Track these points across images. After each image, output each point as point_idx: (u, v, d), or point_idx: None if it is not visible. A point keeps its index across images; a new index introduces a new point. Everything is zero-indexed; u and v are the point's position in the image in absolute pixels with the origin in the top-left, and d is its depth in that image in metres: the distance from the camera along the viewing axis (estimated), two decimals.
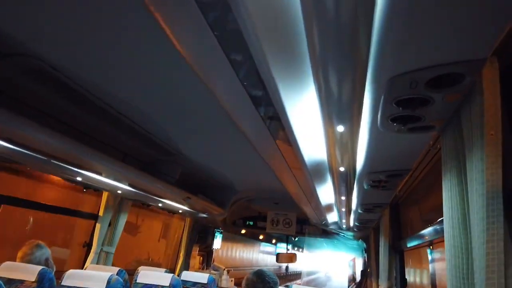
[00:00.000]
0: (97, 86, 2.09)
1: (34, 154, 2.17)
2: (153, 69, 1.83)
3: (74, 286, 2.25)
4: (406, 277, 3.19)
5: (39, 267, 2.34)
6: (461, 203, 1.12)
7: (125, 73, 1.91)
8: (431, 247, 2.40)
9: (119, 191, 3.26)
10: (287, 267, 12.41)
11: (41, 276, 2.30)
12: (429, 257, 2.45)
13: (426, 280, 2.68)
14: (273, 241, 9.60)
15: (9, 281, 2.19)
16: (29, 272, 2.30)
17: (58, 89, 2.17)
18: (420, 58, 0.83)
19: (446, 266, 1.16)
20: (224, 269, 5.57)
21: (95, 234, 3.66)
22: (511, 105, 1.02)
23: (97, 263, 3.66)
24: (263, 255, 12.42)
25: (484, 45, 0.80)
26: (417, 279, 3.04)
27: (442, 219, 1.83)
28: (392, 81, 0.90)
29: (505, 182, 0.93)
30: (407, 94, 0.95)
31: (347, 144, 1.51)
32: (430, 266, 2.44)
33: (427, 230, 2.18)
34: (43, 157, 2.26)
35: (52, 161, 2.34)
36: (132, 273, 3.22)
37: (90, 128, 2.68)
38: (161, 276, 3.08)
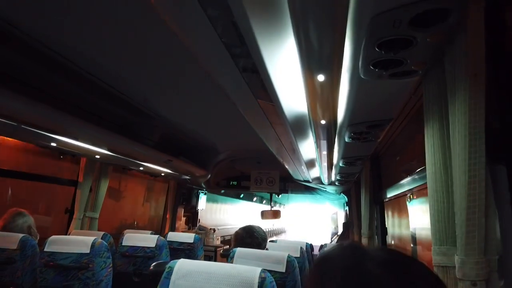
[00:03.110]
0: (68, 47, 1.97)
1: (2, 120, 2.05)
2: (125, 27, 1.72)
3: (57, 252, 2.23)
4: (386, 226, 3.31)
5: (21, 235, 2.31)
6: (443, 147, 1.12)
7: (96, 33, 1.79)
8: (410, 196, 2.46)
9: (97, 156, 3.18)
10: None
11: (23, 243, 2.27)
12: (408, 206, 2.52)
13: (405, 228, 2.79)
14: (254, 199, 9.82)
15: None
16: (11, 240, 2.27)
17: (25, 51, 2.03)
18: None
19: (430, 212, 1.18)
20: (210, 229, 5.67)
21: (76, 200, 3.61)
22: (495, 45, 0.99)
23: (82, 228, 3.65)
24: (248, 213, 12.70)
25: None
26: (396, 228, 3.16)
27: (422, 169, 1.86)
28: (375, 21, 0.85)
29: (488, 122, 0.92)
30: (390, 35, 0.90)
31: (328, 95, 1.47)
32: (410, 214, 2.52)
33: (406, 180, 2.23)
34: (12, 123, 2.15)
35: (22, 126, 2.24)
36: (118, 237, 3.22)
37: (61, 91, 2.55)
38: (147, 238, 3.10)
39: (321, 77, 1.26)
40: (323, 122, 1.82)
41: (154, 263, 2.12)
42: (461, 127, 0.93)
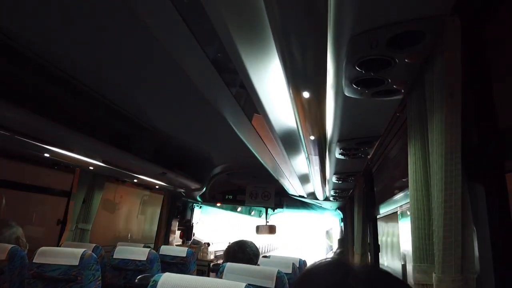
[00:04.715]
0: (62, 58, 2.00)
1: None
2: (118, 43, 1.76)
3: (46, 263, 2.22)
4: (379, 243, 3.29)
5: (10, 246, 2.30)
6: (424, 166, 1.14)
7: (93, 45, 1.83)
8: (401, 212, 2.47)
9: (91, 167, 3.18)
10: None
11: (11, 254, 2.26)
12: (399, 223, 2.52)
13: (396, 245, 2.78)
14: (252, 213, 9.76)
15: None
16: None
17: (19, 61, 2.06)
18: (380, 15, 0.81)
19: (411, 229, 1.18)
20: (204, 243, 5.63)
21: (69, 211, 3.60)
22: (472, 65, 1.01)
23: (73, 240, 3.63)
24: (243, 227, 12.60)
25: (444, 0, 0.78)
26: (389, 245, 3.15)
27: None
28: (353, 41, 0.88)
29: (464, 142, 0.93)
30: (369, 55, 0.92)
31: (315, 111, 1.50)
32: (400, 231, 2.52)
33: (398, 196, 2.24)
34: (5, 133, 2.17)
35: (16, 137, 2.25)
36: (110, 249, 3.20)
37: (55, 102, 2.57)
38: (138, 251, 3.09)
39: (306, 94, 1.28)
40: (312, 138, 1.84)
41: (139, 276, 2.11)
42: (438, 146, 0.94)
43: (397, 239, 2.85)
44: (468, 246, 0.95)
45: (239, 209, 8.37)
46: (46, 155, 2.67)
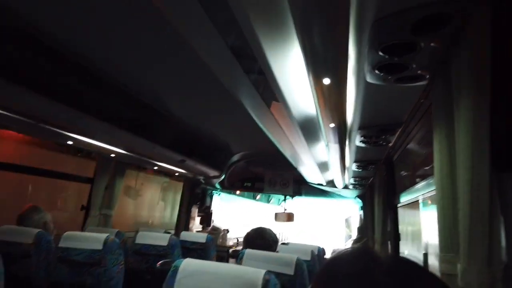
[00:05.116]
0: (85, 49, 2.03)
1: (19, 117, 2.12)
2: (139, 34, 1.78)
3: (71, 248, 2.29)
4: (399, 232, 3.25)
5: (36, 230, 2.37)
6: (450, 154, 1.10)
7: (113, 36, 1.85)
8: (423, 201, 2.42)
9: (112, 154, 3.25)
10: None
11: (38, 238, 2.33)
12: (421, 211, 2.48)
13: (417, 234, 2.74)
14: (271, 200, 9.78)
15: (6, 244, 2.23)
16: (27, 235, 2.34)
17: (43, 53, 2.10)
18: None
19: (437, 218, 1.16)
20: (223, 229, 5.69)
21: (92, 197, 3.69)
22: (502, 51, 0.96)
23: (97, 226, 3.73)
24: (262, 214, 12.68)
25: None
26: (410, 234, 3.10)
27: None
28: (377, 25, 0.85)
29: (492, 131, 0.89)
30: (393, 40, 0.89)
31: (336, 98, 1.47)
32: (423, 220, 2.48)
33: (420, 185, 2.19)
34: (31, 121, 2.23)
35: (39, 125, 2.31)
36: (132, 235, 3.28)
37: (79, 92, 2.62)
38: (160, 237, 3.14)
39: (327, 81, 1.25)
40: (332, 125, 1.81)
41: (161, 262, 2.14)
42: (465, 135, 0.91)
43: (418, 228, 2.80)
44: (495, 237, 0.92)
45: (258, 197, 8.41)
46: (70, 142, 2.74)
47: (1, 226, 2.35)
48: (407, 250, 3.19)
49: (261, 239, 2.36)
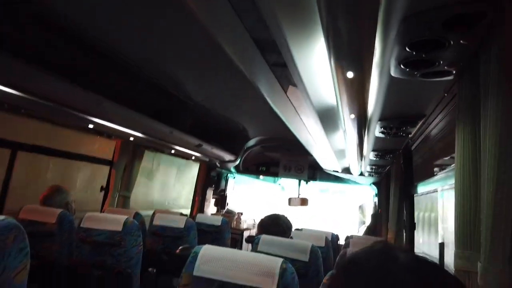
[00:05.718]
0: (108, 36, 2.05)
1: (42, 101, 2.17)
2: (158, 19, 1.78)
3: (92, 228, 2.36)
4: (415, 221, 3.24)
5: (59, 210, 2.44)
6: (473, 151, 1.09)
7: (133, 22, 1.86)
8: (441, 192, 2.40)
9: (131, 138, 3.30)
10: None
11: (60, 218, 2.41)
12: (439, 203, 2.46)
13: (434, 225, 2.73)
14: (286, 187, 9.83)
15: (30, 223, 2.32)
16: (50, 215, 2.41)
17: (67, 39, 2.13)
18: None
19: (454, 213, 1.15)
20: (238, 213, 5.76)
21: (111, 179, 3.78)
22: None
23: (116, 206, 3.83)
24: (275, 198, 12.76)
25: None
26: (426, 223, 3.09)
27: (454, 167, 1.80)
28: (405, 22, 0.83)
29: None
30: (422, 36, 0.87)
31: (358, 91, 1.45)
32: (439, 212, 2.46)
33: (438, 176, 2.17)
34: (51, 104, 2.27)
35: (63, 108, 2.36)
36: (149, 216, 3.36)
37: (100, 77, 2.66)
38: (176, 219, 3.21)
39: (350, 74, 1.24)
40: (352, 116, 1.80)
41: (181, 247, 2.20)
42: (491, 133, 0.90)
43: (434, 218, 2.79)
44: None
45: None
46: (91, 126, 2.79)
47: (25, 206, 2.43)
48: (422, 239, 3.19)
49: (275, 225, 2.38)
